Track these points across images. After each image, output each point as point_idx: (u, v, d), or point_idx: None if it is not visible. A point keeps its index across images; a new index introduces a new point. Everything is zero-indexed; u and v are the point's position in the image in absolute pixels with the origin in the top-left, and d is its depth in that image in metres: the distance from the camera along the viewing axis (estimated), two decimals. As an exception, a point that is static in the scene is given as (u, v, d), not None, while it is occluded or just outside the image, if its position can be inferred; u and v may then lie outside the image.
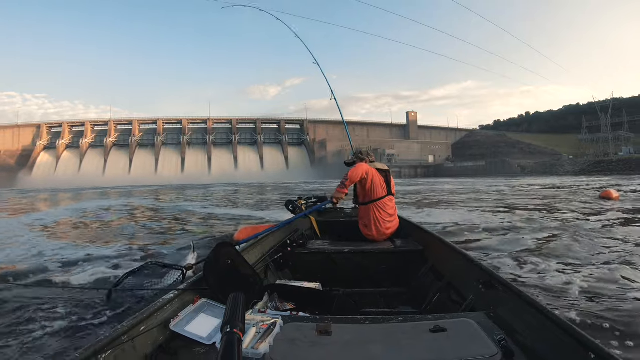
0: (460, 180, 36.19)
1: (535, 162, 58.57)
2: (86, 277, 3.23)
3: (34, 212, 11.59)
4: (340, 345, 1.07)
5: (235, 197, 17.43)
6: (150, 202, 15.65)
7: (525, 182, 25.47)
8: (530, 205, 9.33)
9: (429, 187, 23.06)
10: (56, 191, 32.49)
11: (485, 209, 8.73)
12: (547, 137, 76.39)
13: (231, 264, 1.58)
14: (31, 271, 3.50)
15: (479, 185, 23.93)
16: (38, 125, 77.76)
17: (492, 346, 1.01)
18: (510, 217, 6.91)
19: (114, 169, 72.26)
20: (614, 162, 49.23)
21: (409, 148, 71.76)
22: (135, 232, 6.45)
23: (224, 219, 8.34)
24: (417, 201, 11.51)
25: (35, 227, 7.19)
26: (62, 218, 9.21)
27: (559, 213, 7.32)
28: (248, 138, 79.32)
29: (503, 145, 71.60)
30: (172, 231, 6.52)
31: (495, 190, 16.90)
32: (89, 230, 6.96)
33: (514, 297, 1.25)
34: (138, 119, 79.85)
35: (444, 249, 2.07)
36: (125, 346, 1.04)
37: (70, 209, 12.57)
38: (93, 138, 76.95)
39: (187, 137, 77.63)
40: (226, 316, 0.68)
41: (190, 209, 11.30)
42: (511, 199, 11.98)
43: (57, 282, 3.08)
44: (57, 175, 68.47)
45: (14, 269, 3.68)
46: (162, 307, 1.26)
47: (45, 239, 5.67)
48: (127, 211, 11.19)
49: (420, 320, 1.24)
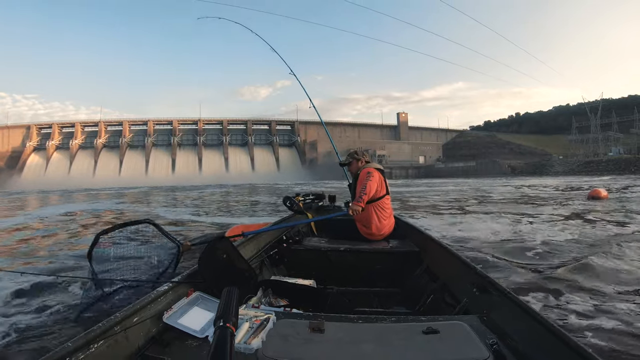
0: (456, 181, 35.71)
1: (525, 162, 58.82)
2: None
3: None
4: (333, 343, 1.07)
5: (222, 201, 15.70)
6: (111, 207, 13.41)
7: (529, 182, 24.79)
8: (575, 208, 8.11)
9: (429, 189, 21.42)
10: (37, 193, 31.76)
11: (530, 215, 7.10)
12: (537, 137, 76.78)
13: (226, 258, 1.58)
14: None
15: (484, 185, 23.18)
16: (28, 126, 77.39)
17: (483, 350, 1.01)
18: (578, 228, 5.42)
19: (104, 170, 71.96)
20: (604, 162, 49.52)
21: (399, 149, 71.97)
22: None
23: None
24: (433, 206, 9.96)
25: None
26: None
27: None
28: (239, 139, 79.31)
29: (493, 146, 71.89)
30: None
31: (510, 192, 15.99)
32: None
33: (507, 302, 1.25)
34: (128, 120, 79.62)
35: (440, 251, 2.06)
36: (117, 337, 1.04)
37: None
38: (83, 139, 76.68)
39: (178, 139, 77.54)
40: (219, 310, 0.67)
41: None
42: (538, 200, 10.60)
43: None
44: (47, 177, 68.10)
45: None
46: (155, 299, 1.26)
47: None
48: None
49: (414, 321, 1.24)
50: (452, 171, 60.65)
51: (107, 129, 78.00)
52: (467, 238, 4.69)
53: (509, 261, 3.41)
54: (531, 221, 6.20)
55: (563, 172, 49.82)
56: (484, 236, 4.80)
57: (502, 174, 52.43)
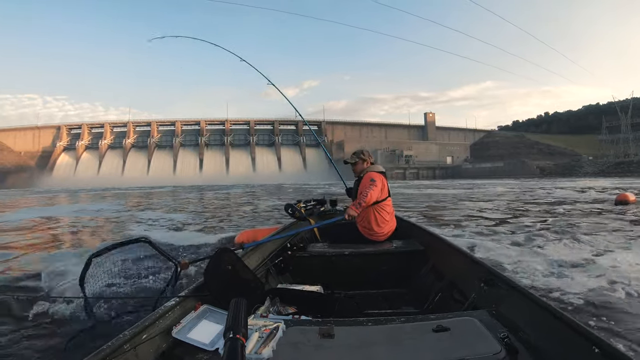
0: (491, 182, 33.74)
1: (554, 163, 58.29)
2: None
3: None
4: (344, 348, 1.07)
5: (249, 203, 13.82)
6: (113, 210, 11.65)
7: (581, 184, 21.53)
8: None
9: (465, 191, 18.58)
10: (59, 192, 31.95)
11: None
12: (567, 137, 75.59)
13: (232, 269, 1.57)
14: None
15: (528, 187, 20.32)
16: (58, 126, 78.93)
17: (495, 344, 1.00)
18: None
19: (133, 170, 73.15)
20: (635, 163, 48.73)
21: (427, 149, 71.55)
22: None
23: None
24: (492, 221, 6.27)
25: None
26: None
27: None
28: (266, 139, 79.70)
29: (522, 146, 71.17)
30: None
31: (573, 196, 12.63)
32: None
33: (516, 294, 1.26)
34: (157, 120, 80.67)
35: (445, 248, 2.06)
36: (127, 355, 1.03)
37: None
38: (112, 139, 77.94)
39: (205, 139, 78.21)
40: (228, 322, 0.67)
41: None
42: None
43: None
44: (76, 176, 69.53)
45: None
46: (163, 315, 1.25)
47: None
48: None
49: (423, 320, 1.23)
50: (479, 172, 59.90)
51: (135, 129, 79.16)
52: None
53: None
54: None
55: (592, 173, 48.99)
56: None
57: (531, 175, 51.50)
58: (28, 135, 77.49)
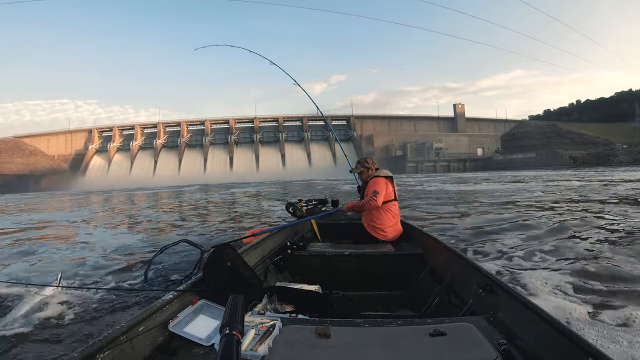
0: (531, 174, 31.00)
1: (587, 152, 57.42)
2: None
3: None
4: (339, 348, 1.07)
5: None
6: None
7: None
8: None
9: (520, 185, 15.57)
10: (91, 193, 32.58)
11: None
12: (599, 125, 73.67)
13: (231, 265, 1.59)
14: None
15: (587, 179, 17.30)
16: (89, 130, 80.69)
17: (491, 351, 1.00)
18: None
19: (164, 169, 74.61)
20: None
21: (457, 141, 70.91)
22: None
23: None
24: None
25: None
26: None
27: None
28: (295, 136, 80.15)
29: (554, 136, 70.00)
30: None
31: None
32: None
33: (514, 302, 1.25)
34: (186, 120, 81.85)
35: (445, 253, 2.04)
36: (124, 346, 1.04)
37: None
38: (143, 140, 79.50)
39: (235, 137, 79.27)
40: (225, 318, 0.67)
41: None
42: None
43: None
44: (109, 177, 71.16)
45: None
46: (161, 308, 1.26)
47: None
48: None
49: (420, 324, 1.23)
50: (511, 163, 58.91)
51: (165, 129, 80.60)
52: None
53: None
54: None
55: (627, 162, 47.52)
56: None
57: (564, 165, 50.10)
58: (61, 139, 79.41)
